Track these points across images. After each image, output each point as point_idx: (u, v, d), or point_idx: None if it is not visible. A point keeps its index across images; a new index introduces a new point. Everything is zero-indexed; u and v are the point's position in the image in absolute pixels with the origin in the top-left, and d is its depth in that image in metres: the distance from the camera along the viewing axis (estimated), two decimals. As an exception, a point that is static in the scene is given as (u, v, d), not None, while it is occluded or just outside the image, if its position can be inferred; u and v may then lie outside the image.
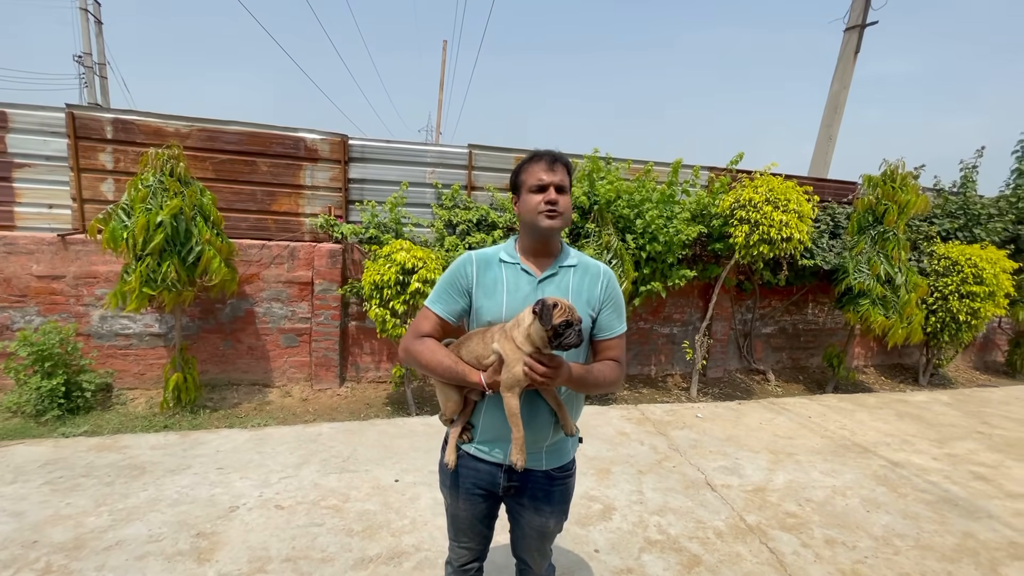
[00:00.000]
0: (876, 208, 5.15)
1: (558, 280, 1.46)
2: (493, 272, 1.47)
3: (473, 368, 1.39)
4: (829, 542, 2.74)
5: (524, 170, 1.45)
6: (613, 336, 1.51)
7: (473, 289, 1.46)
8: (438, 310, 1.47)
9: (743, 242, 4.58)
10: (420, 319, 1.49)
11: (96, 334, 4.31)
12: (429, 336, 1.47)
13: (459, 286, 1.46)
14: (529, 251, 1.48)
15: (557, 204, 1.40)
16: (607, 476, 3.30)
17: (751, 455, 3.79)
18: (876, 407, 5.16)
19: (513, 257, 1.48)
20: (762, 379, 5.99)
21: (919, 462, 3.83)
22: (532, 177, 1.42)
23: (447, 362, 1.40)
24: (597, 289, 1.49)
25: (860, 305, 5.07)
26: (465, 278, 1.46)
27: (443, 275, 1.50)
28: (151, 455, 3.27)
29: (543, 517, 1.55)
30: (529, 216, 1.42)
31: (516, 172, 1.48)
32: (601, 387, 1.47)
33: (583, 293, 1.47)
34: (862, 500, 3.20)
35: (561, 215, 1.41)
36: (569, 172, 1.45)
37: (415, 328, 1.49)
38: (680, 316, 5.86)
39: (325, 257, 4.63)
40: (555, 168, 1.41)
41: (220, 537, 2.46)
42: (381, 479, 3.09)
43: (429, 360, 1.42)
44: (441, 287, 1.49)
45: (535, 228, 1.42)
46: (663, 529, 2.76)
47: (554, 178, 1.40)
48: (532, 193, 1.42)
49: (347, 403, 4.57)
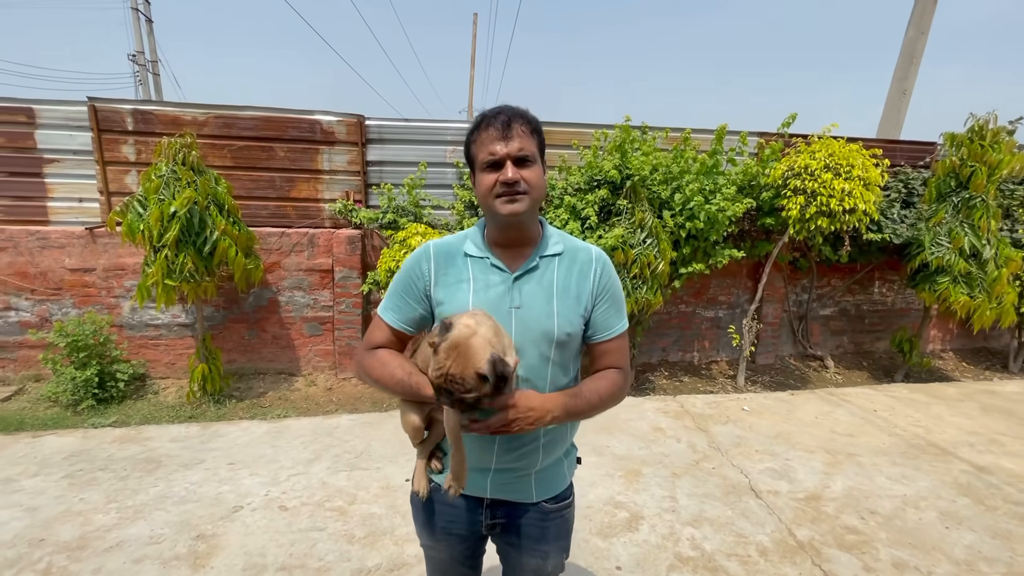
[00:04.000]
0: (960, 171, 4.44)
1: (539, 275, 1.16)
2: (456, 268, 1.17)
3: (427, 380, 1.09)
4: (898, 566, 2.33)
5: (472, 141, 1.12)
6: (612, 337, 1.20)
7: (431, 291, 1.17)
8: (390, 319, 1.19)
9: (798, 215, 4.06)
10: (373, 328, 1.22)
11: (128, 325, 4.39)
12: (381, 347, 1.20)
13: (414, 289, 1.17)
14: (499, 241, 1.17)
15: (517, 184, 1.07)
16: (637, 479, 3.00)
17: (804, 455, 3.37)
18: (956, 399, 4.53)
19: (481, 249, 1.17)
20: (819, 366, 5.44)
21: (1011, 467, 3.28)
22: (482, 151, 1.09)
23: (399, 374, 1.13)
24: (589, 282, 1.18)
25: (938, 283, 4.43)
26: (420, 279, 1.17)
27: (396, 275, 1.21)
28: (169, 448, 3.26)
29: (537, 559, 1.27)
30: (485, 200, 1.11)
31: (466, 145, 1.15)
32: (598, 410, 1.17)
33: (571, 289, 1.16)
34: (940, 513, 2.75)
35: (526, 195, 1.08)
36: (535, 133, 1.10)
37: (367, 338, 1.22)
38: (727, 298, 5.38)
39: (344, 244, 4.49)
40: (510, 134, 1.06)
41: (219, 540, 2.37)
42: (392, 478, 2.93)
43: (380, 375, 1.15)
44: (394, 290, 1.20)
45: (494, 216, 1.11)
46: (697, 544, 2.45)
47: (509, 148, 1.06)
48: (484, 172, 1.10)
49: (371, 392, 4.47)
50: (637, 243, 3.95)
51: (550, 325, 1.13)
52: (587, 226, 4.08)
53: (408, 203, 4.50)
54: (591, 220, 4.06)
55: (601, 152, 4.39)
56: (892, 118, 7.12)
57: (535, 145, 1.10)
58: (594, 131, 4.64)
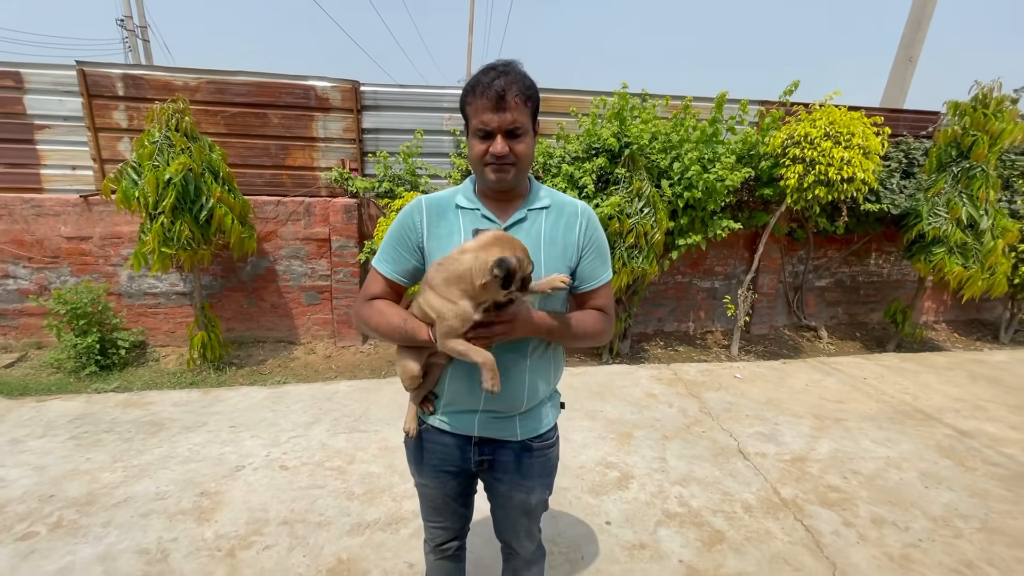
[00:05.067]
0: (962, 140, 4.40)
1: (527, 227, 1.20)
2: (448, 221, 1.21)
3: (422, 325, 1.16)
4: (877, 522, 2.43)
5: (468, 103, 1.13)
6: (598, 286, 1.26)
7: (424, 243, 1.21)
8: (385, 270, 1.24)
9: (796, 184, 4.04)
10: (369, 280, 1.27)
11: (126, 293, 4.42)
12: (378, 298, 1.24)
13: (407, 241, 1.22)
14: (488, 194, 1.21)
15: (506, 157, 1.10)
16: (628, 441, 3.08)
17: (793, 420, 3.45)
18: (945, 368, 4.61)
19: (472, 201, 1.21)
20: (813, 336, 5.50)
21: (993, 431, 3.37)
22: (475, 117, 1.11)
23: (395, 321, 1.18)
24: (575, 233, 1.22)
25: (934, 254, 4.45)
26: (413, 231, 1.22)
27: (390, 228, 1.24)
28: (172, 412, 3.33)
29: (523, 492, 1.36)
30: (474, 166, 1.15)
31: (461, 101, 1.15)
32: (583, 339, 1.24)
33: (558, 241, 1.21)
34: (920, 474, 2.84)
35: (514, 166, 1.12)
36: (529, 100, 1.11)
37: (364, 290, 1.28)
38: (723, 268, 5.40)
39: (340, 213, 4.48)
40: (504, 105, 1.07)
41: (223, 497, 2.45)
42: (390, 440, 3.01)
43: (379, 323, 1.20)
44: (388, 242, 1.25)
45: (483, 179, 1.16)
46: (684, 501, 2.54)
47: (502, 121, 1.08)
48: (475, 139, 1.12)
49: (369, 360, 4.54)
50: (634, 212, 3.95)
51: (537, 274, 1.17)
52: (584, 195, 4.06)
53: (404, 172, 4.47)
54: (588, 189, 4.05)
55: (600, 120, 4.34)
56: (896, 86, 7.01)
57: (528, 115, 1.12)
58: (593, 98, 4.57)
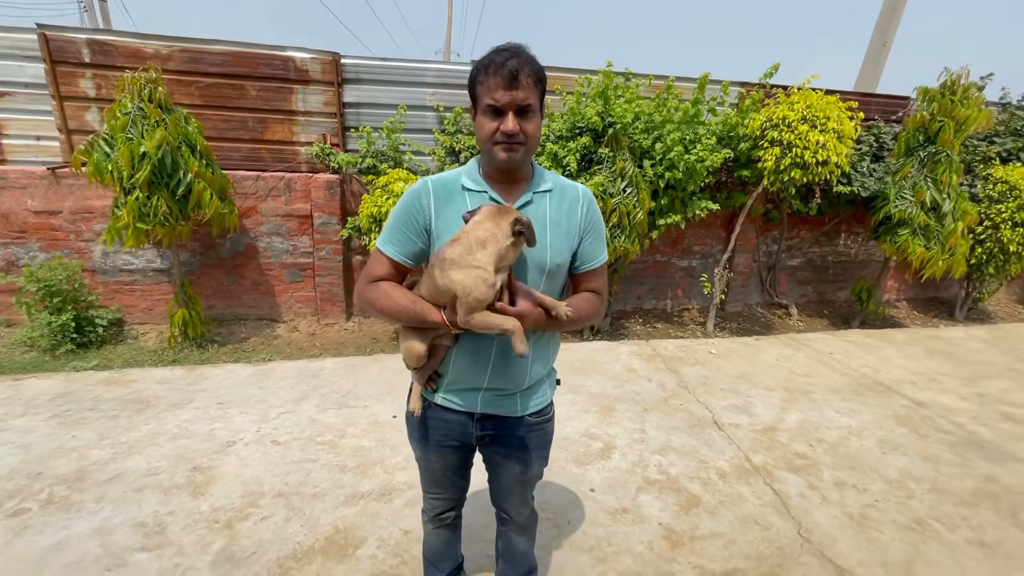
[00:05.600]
0: (930, 126, 4.58)
1: (533, 209, 1.24)
2: (456, 203, 1.22)
3: (432, 307, 1.19)
4: (838, 484, 2.62)
5: (478, 82, 1.14)
6: (595, 267, 1.32)
7: (432, 225, 1.22)
8: (390, 252, 1.24)
9: (773, 166, 4.16)
10: (373, 262, 1.27)
11: (100, 270, 4.30)
12: (382, 280, 1.26)
13: (414, 223, 1.22)
14: (495, 176, 1.24)
15: (516, 135, 1.12)
16: (610, 414, 3.21)
17: (764, 393, 3.64)
18: (905, 343, 4.89)
19: (478, 183, 1.23)
20: (784, 314, 5.73)
21: (945, 402, 3.63)
22: (486, 95, 1.12)
23: (403, 302, 1.20)
24: (577, 216, 1.27)
25: (898, 235, 4.66)
26: (421, 213, 1.21)
27: (395, 209, 1.25)
28: (156, 389, 3.32)
29: (522, 464, 1.44)
30: (483, 143, 1.17)
31: (471, 81, 1.17)
32: (580, 324, 1.29)
33: (562, 223, 1.25)
34: (879, 441, 3.06)
35: (523, 145, 1.14)
36: (540, 82, 1.13)
37: (367, 272, 1.27)
38: (700, 248, 5.55)
39: (323, 189, 4.42)
40: (516, 84, 1.09)
41: (216, 471, 2.49)
42: (379, 415, 3.07)
43: (385, 304, 1.22)
44: (394, 224, 1.24)
45: (491, 158, 1.18)
46: (663, 469, 2.69)
47: (515, 97, 1.10)
48: (486, 116, 1.13)
49: (354, 338, 4.55)
50: (617, 192, 4.01)
51: (543, 256, 1.22)
52: (567, 174, 4.10)
53: (388, 148, 4.42)
54: (572, 168, 4.09)
55: (584, 99, 4.36)
56: (870, 71, 7.17)
57: (537, 95, 1.14)
58: (577, 76, 4.57)
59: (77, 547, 2.01)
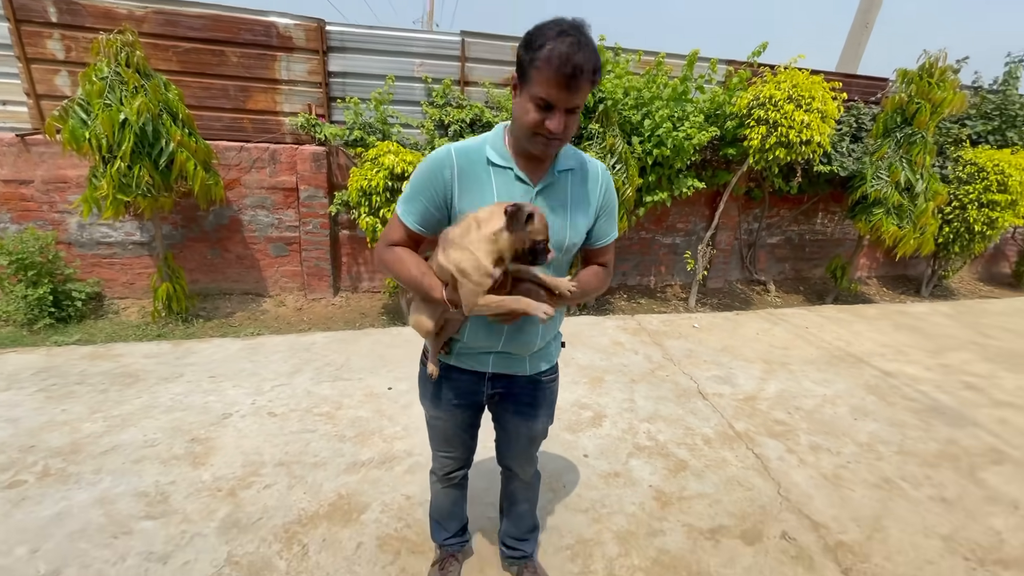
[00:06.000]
0: (907, 107, 4.71)
1: (557, 189, 1.25)
2: (479, 176, 1.20)
3: (438, 283, 1.20)
4: (814, 448, 2.79)
5: (533, 66, 1.05)
6: (607, 243, 1.37)
7: (453, 198, 1.20)
8: (409, 222, 1.25)
9: (758, 145, 4.24)
10: (391, 227, 1.29)
11: (77, 242, 4.16)
12: (400, 244, 1.27)
13: (435, 196, 1.21)
14: (521, 151, 1.21)
15: (560, 133, 1.10)
16: (600, 384, 3.32)
17: (745, 365, 3.80)
18: (875, 318, 5.12)
19: (505, 159, 1.20)
20: (762, 290, 5.92)
21: (912, 372, 3.84)
22: (541, 86, 1.05)
23: (414, 272, 1.22)
24: (596, 195, 1.30)
25: (873, 215, 4.84)
26: (442, 185, 1.19)
27: (415, 174, 1.22)
28: (144, 363, 3.28)
29: (530, 421, 1.51)
30: (521, 130, 1.14)
31: (528, 54, 1.06)
32: (584, 297, 1.35)
33: (582, 202, 1.28)
34: (851, 409, 3.24)
35: (560, 141, 1.13)
36: (595, 80, 1.08)
37: (386, 234, 1.30)
38: (684, 225, 5.65)
39: (309, 161, 4.33)
40: (576, 85, 1.04)
41: (214, 443, 2.50)
42: (374, 387, 3.10)
43: (399, 271, 1.25)
44: (413, 193, 1.23)
45: (526, 143, 1.15)
46: (652, 436, 2.81)
47: (571, 99, 1.06)
48: (533, 105, 1.08)
49: (342, 313, 4.54)
50: (607, 168, 4.04)
51: (564, 235, 1.25)
52: (559, 150, 4.11)
53: (375, 120, 4.34)
54: (563, 143, 4.09)
55: (574, 73, 4.33)
56: (852, 51, 7.29)
57: (588, 93, 1.12)
58: (567, 50, 4.53)
59: (79, 516, 2.02)
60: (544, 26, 1.07)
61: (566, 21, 1.06)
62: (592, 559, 1.98)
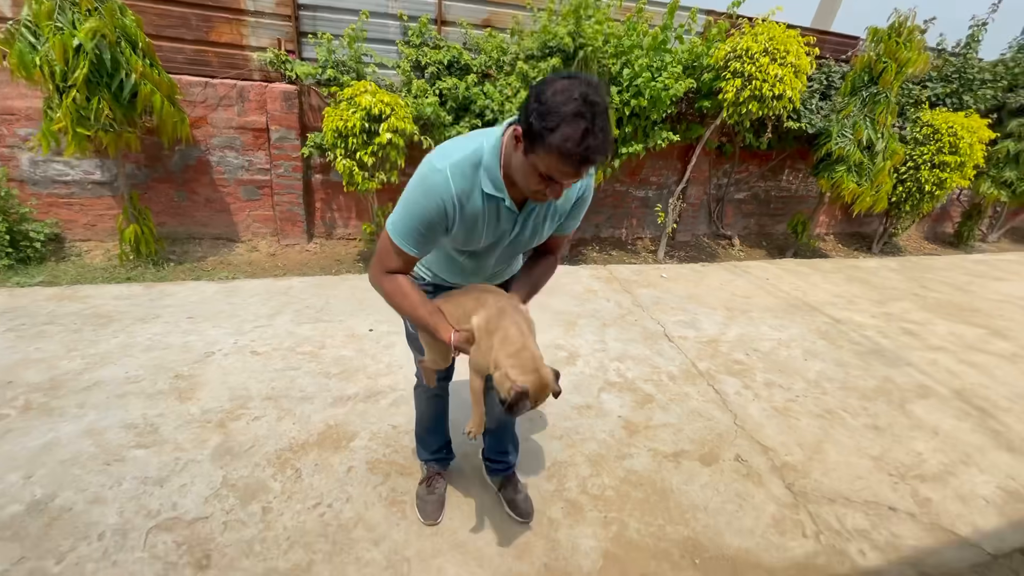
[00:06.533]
0: (875, 66, 4.85)
1: (540, 208, 1.32)
2: (474, 206, 1.23)
3: (446, 325, 1.32)
4: (768, 385, 3.05)
5: (544, 145, 1.04)
6: (566, 234, 1.49)
7: (452, 227, 1.25)
8: (410, 251, 1.27)
9: (732, 99, 4.32)
10: (389, 254, 1.29)
11: (30, 180, 3.95)
12: (398, 272, 1.32)
13: (438, 230, 1.25)
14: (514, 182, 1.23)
15: (558, 196, 1.15)
16: (573, 328, 3.48)
17: (708, 311, 4.03)
18: (830, 271, 5.45)
19: (499, 189, 1.21)
20: (728, 244, 6.16)
21: (859, 319, 4.16)
22: (548, 166, 1.06)
23: (421, 312, 1.31)
24: (571, 200, 1.37)
25: (836, 172, 5.05)
26: (444, 220, 1.23)
27: (413, 203, 1.21)
28: (116, 305, 3.23)
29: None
30: (521, 183, 1.17)
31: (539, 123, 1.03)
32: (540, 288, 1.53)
33: (557, 212, 1.37)
34: (803, 351, 3.52)
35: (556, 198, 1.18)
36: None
37: (382, 262, 1.31)
38: (657, 179, 5.76)
39: (279, 100, 4.17)
40: (585, 171, 1.08)
41: (199, 379, 2.54)
42: (356, 328, 3.17)
43: (401, 304, 1.33)
44: (415, 227, 1.23)
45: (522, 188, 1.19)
46: (621, 373, 3.00)
47: (575, 178, 1.10)
48: (537, 175, 1.10)
49: (317, 259, 4.52)
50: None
51: (536, 241, 1.40)
52: (538, 96, 4.08)
53: (349, 59, 4.18)
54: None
55: (556, 16, 4.25)
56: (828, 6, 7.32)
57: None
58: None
59: (69, 446, 2.06)
60: (559, 97, 1.01)
61: (582, 92, 1.01)
62: (566, 478, 2.17)
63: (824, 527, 2.03)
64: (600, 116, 1.02)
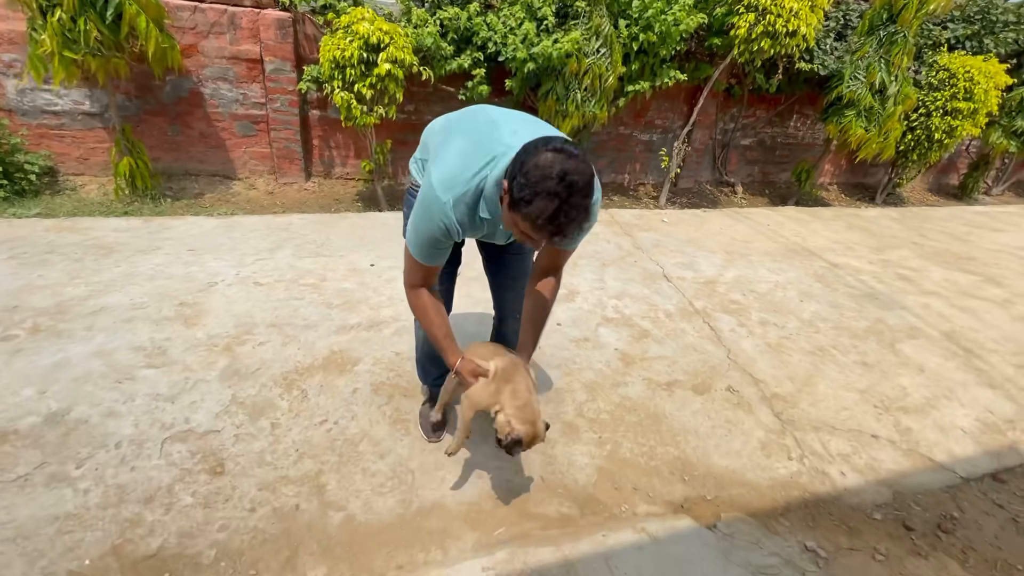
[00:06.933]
0: (894, 4, 4.63)
1: None
2: (475, 224, 1.37)
3: (456, 350, 1.52)
4: (763, 323, 3.10)
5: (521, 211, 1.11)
6: (569, 248, 1.50)
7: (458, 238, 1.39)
8: (429, 263, 1.42)
9: (744, 35, 4.15)
10: (412, 268, 1.44)
11: (19, 110, 3.83)
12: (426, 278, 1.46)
13: (445, 244, 1.38)
14: None
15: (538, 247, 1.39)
16: (574, 267, 3.50)
17: (707, 254, 4.04)
18: (831, 219, 5.43)
19: (495, 216, 1.34)
20: (730, 191, 6.10)
21: (856, 264, 4.19)
22: (525, 229, 1.15)
23: (436, 333, 1.49)
24: None
25: (844, 116, 4.93)
26: (449, 237, 1.35)
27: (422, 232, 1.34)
28: (116, 236, 3.22)
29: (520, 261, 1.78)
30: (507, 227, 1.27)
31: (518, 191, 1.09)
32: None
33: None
34: (799, 293, 3.56)
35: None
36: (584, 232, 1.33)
37: (410, 274, 1.46)
38: (662, 122, 5.62)
39: (273, 28, 3.99)
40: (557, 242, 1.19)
41: (203, 306, 2.58)
42: (357, 263, 3.18)
43: (422, 320, 1.51)
44: (427, 247, 1.37)
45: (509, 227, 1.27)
46: (619, 310, 3.05)
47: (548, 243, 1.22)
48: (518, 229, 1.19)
49: (315, 198, 4.47)
50: (592, 52, 3.92)
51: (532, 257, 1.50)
52: (543, 27, 3.92)
53: (344, -17, 3.96)
54: (548, 22, 3.90)
55: (562, -60, 4.01)
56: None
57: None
58: (555, -87, 4.14)
59: (80, 366, 2.11)
60: (537, 172, 1.06)
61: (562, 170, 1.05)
62: (563, 403, 2.25)
63: (808, 451, 2.13)
64: (576, 194, 1.07)
